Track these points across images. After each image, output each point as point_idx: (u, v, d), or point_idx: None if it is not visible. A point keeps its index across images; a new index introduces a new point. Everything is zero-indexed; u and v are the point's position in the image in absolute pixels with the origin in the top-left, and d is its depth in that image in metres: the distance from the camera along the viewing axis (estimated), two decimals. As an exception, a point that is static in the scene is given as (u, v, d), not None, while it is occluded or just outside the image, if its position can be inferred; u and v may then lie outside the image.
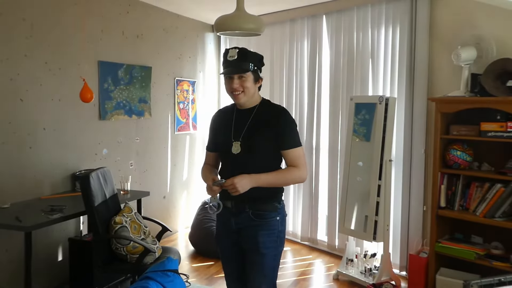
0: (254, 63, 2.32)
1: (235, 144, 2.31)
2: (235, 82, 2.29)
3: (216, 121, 2.50)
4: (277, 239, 2.36)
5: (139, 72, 4.66)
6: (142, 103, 4.73)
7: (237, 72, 2.28)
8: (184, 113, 5.37)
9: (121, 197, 3.82)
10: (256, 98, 2.39)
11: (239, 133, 2.33)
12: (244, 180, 2.19)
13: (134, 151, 4.70)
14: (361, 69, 4.38)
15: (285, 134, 2.29)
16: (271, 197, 2.36)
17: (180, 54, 5.30)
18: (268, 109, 2.37)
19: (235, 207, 2.35)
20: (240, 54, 2.28)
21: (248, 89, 2.31)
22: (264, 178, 2.25)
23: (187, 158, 5.47)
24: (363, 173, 3.89)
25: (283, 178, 2.31)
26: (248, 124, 2.33)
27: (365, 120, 3.88)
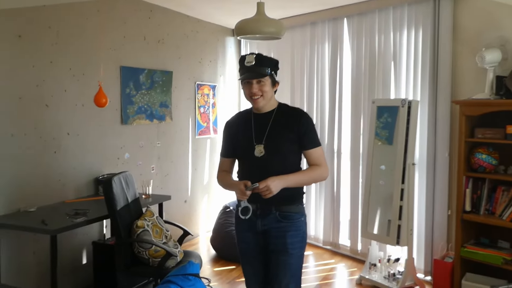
0: (271, 67, 2.37)
1: (258, 147, 2.34)
2: (254, 87, 2.33)
3: (232, 126, 2.52)
4: (302, 240, 2.42)
5: (160, 77, 4.70)
6: (163, 108, 4.77)
7: (256, 76, 2.32)
8: (204, 117, 5.40)
9: (143, 201, 3.84)
10: (273, 101, 2.44)
11: (261, 136, 2.36)
12: (276, 182, 2.24)
13: (156, 155, 4.74)
14: (383, 71, 4.36)
15: (307, 134, 2.35)
16: (296, 198, 2.41)
17: (201, 58, 5.33)
18: (287, 112, 2.42)
19: (261, 209, 2.38)
20: (258, 59, 2.33)
21: (267, 93, 2.36)
22: (292, 178, 2.30)
23: (208, 162, 5.50)
24: (385, 176, 3.87)
25: (309, 177, 2.37)
26: (270, 126, 2.37)
27: (387, 123, 3.86)
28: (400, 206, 3.72)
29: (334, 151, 4.85)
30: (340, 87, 4.79)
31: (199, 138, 5.34)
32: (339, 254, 4.85)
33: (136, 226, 3.29)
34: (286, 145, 2.34)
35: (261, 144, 2.34)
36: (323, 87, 4.95)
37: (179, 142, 5.05)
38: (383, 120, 3.90)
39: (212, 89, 5.52)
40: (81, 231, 3.90)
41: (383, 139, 3.90)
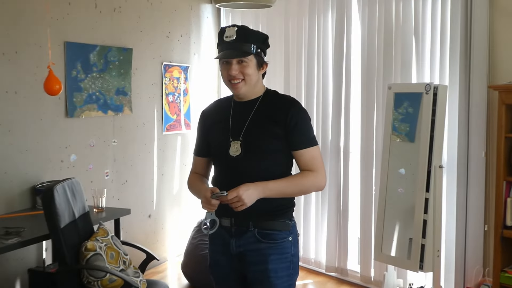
0: (257, 44, 2.35)
1: (234, 144, 2.35)
2: (233, 68, 2.32)
3: (207, 117, 2.54)
4: (290, 265, 2.40)
5: (116, 56, 4.67)
6: (121, 96, 4.75)
7: (236, 55, 2.31)
8: (174, 108, 5.38)
9: (94, 216, 3.82)
10: (259, 87, 2.44)
11: (238, 130, 2.37)
12: (251, 190, 2.23)
13: (111, 157, 4.72)
14: (401, 49, 4.37)
15: (297, 130, 2.33)
16: (282, 212, 2.40)
17: (169, 32, 5.31)
18: (274, 100, 2.42)
19: (236, 226, 2.38)
20: (240, 33, 2.31)
21: (250, 77, 2.35)
22: (273, 187, 2.29)
23: (179, 166, 5.48)
24: (405, 183, 3.88)
25: (297, 186, 2.36)
26: (250, 118, 2.38)
27: (408, 114, 3.87)
28: (424, 221, 3.72)
29: (340, 150, 4.86)
30: (347, 69, 4.79)
31: (167, 134, 5.32)
32: (347, 282, 4.85)
33: (85, 248, 3.26)
34: (270, 143, 2.34)
35: (238, 140, 2.35)
36: (326, 70, 4.95)
37: (141, 140, 5.03)
38: (402, 110, 3.91)
39: (183, 71, 5.50)
40: (14, 255, 3.85)
41: (403, 135, 3.91)
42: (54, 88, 3.50)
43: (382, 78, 4.50)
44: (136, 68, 4.92)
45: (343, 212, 4.87)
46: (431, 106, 3.72)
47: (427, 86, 3.74)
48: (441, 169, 3.75)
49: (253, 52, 2.33)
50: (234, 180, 2.27)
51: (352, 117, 4.80)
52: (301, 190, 2.43)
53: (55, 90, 3.50)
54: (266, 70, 2.46)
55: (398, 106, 3.94)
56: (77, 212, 3.41)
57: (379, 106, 4.53)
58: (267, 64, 2.43)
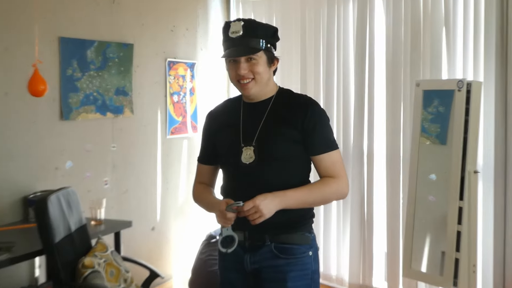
0: (266, 39, 2.36)
1: (246, 151, 2.36)
2: (242, 66, 2.33)
3: (214, 119, 2.56)
4: (311, 283, 2.41)
5: (116, 52, 4.69)
6: (121, 96, 4.76)
7: (244, 53, 2.32)
8: (179, 109, 5.39)
9: (92, 229, 3.83)
10: (271, 86, 2.45)
11: (250, 135, 2.38)
12: (268, 200, 2.24)
13: (110, 164, 4.73)
14: (430, 42, 4.37)
15: (316, 133, 2.35)
16: (300, 224, 2.41)
17: (173, 25, 5.32)
18: (289, 101, 2.43)
19: (251, 239, 2.38)
20: (247, 27, 2.32)
21: (261, 75, 2.36)
22: (293, 196, 2.31)
23: (185, 173, 5.48)
24: (437, 190, 3.87)
25: (319, 194, 2.37)
26: (264, 121, 2.38)
27: (439, 114, 3.86)
28: (458, 232, 3.71)
29: (364, 154, 4.87)
30: (370, 64, 4.80)
31: (171, 138, 5.32)
32: (372, 301, 4.86)
33: (82, 265, 3.27)
34: (286, 148, 2.35)
35: (251, 146, 2.36)
36: (347, 66, 4.96)
37: (143, 145, 5.04)
38: (432, 109, 3.91)
39: (189, 68, 5.50)
40: (4, 273, 3.82)
41: (433, 137, 3.90)
42: (38, 88, 3.50)
43: (410, 74, 4.50)
44: (137, 65, 4.92)
45: (368, 223, 4.87)
46: (464, 105, 3.71)
47: (460, 83, 3.73)
48: (476, 174, 3.74)
49: (262, 47, 2.34)
50: (247, 190, 2.27)
51: (376, 118, 4.80)
52: (323, 199, 2.44)
53: (39, 91, 3.50)
54: (277, 66, 2.47)
55: (427, 105, 3.93)
56: (73, 225, 3.41)
57: (406, 105, 4.54)
58: (278, 60, 2.44)
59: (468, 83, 3.71)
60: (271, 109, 2.41)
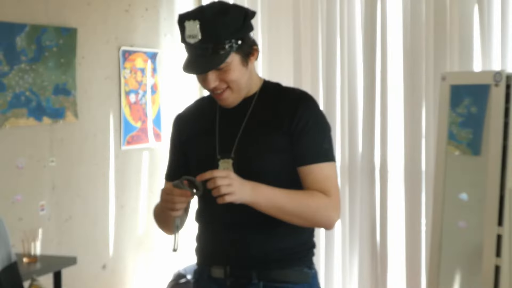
0: (234, 36, 2.31)
1: (223, 164, 2.36)
2: (210, 79, 2.31)
3: (184, 126, 2.56)
4: None
5: (54, 39, 4.66)
6: (61, 96, 4.73)
7: (205, 67, 2.30)
8: (138, 112, 5.39)
9: (25, 268, 3.81)
10: (254, 82, 2.45)
11: (228, 143, 2.38)
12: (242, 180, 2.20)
13: (48, 184, 4.70)
14: (459, 25, 4.40)
15: (305, 136, 2.34)
16: (298, 256, 2.41)
17: (128, 4, 5.32)
18: (276, 97, 2.43)
19: (233, 277, 2.38)
20: (206, 30, 2.26)
21: (237, 82, 2.34)
22: (267, 191, 2.26)
23: (146, 194, 5.49)
24: (468, 213, 3.88)
25: (299, 204, 2.30)
26: (244, 126, 2.39)
27: (470, 116, 3.88)
28: (497, 267, 3.71)
29: (375, 169, 4.90)
30: (383, 53, 4.83)
31: (128, 150, 5.33)
32: None
33: (11, 315, 3.22)
34: (272, 160, 2.35)
35: (229, 158, 2.36)
36: (353, 56, 5.00)
37: (91, 159, 5.03)
38: (462, 110, 3.92)
39: (150, 59, 5.52)
40: None
41: (463, 145, 3.92)
42: None
43: (433, 66, 4.53)
44: (82, 56, 4.90)
45: (381, 257, 4.89)
46: (503, 104, 3.71)
47: (497, 75, 3.73)
48: (519, 193, 3.77)
49: (230, 50, 2.30)
50: (225, 212, 2.26)
51: (391, 121, 4.82)
52: (302, 213, 2.31)
53: None
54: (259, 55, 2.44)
55: (456, 104, 3.94)
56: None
57: (430, 105, 4.56)
58: (257, 49, 2.40)
59: (507, 76, 3.70)
60: (253, 110, 2.41)
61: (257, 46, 2.41)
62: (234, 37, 2.30)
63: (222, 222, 2.31)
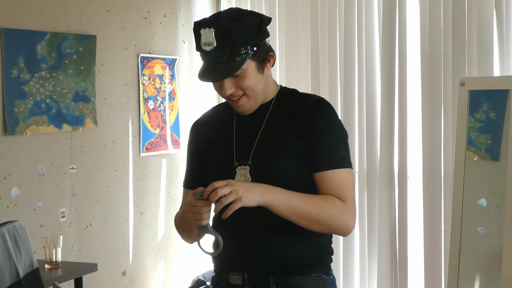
0: (250, 42, 2.32)
1: (241, 170, 2.38)
2: (226, 87, 2.34)
3: (201, 132, 2.57)
4: None
5: (74, 47, 4.67)
6: (81, 103, 4.74)
7: (222, 75, 2.32)
8: (156, 118, 5.39)
9: (47, 274, 3.80)
10: (271, 88, 2.47)
11: (246, 150, 2.39)
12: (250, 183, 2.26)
13: (68, 191, 4.71)
14: (478, 29, 4.38)
15: (322, 141, 2.35)
16: (316, 262, 2.40)
17: (147, 11, 5.32)
18: (293, 103, 2.45)
19: (251, 283, 2.38)
20: (221, 38, 2.28)
21: (252, 89, 2.37)
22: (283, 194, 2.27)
23: (164, 201, 5.47)
24: (488, 219, 3.87)
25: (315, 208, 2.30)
26: (261, 132, 2.40)
27: (490, 121, 3.88)
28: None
29: (394, 175, 4.89)
30: (401, 59, 4.82)
31: (147, 156, 5.33)
32: None
33: (34, 321, 3.26)
34: (290, 166, 2.36)
35: (246, 165, 2.38)
36: (372, 62, 5.00)
37: (111, 166, 5.04)
38: (481, 116, 3.92)
39: (169, 66, 5.52)
40: None
41: (482, 151, 3.91)
42: None
43: (452, 71, 4.51)
44: (101, 63, 4.93)
45: (400, 263, 4.86)
46: (523, 110, 3.73)
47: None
48: (539, 199, 3.75)
49: (246, 58, 2.32)
50: (243, 220, 2.28)
51: (410, 128, 4.80)
52: (318, 217, 2.31)
53: None
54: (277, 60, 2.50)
55: (475, 110, 3.94)
56: (21, 270, 3.35)
57: (448, 111, 4.55)
58: (273, 56, 2.43)
59: (526, 81, 3.71)
60: (270, 116, 2.42)
61: (274, 52, 2.43)
62: (250, 44, 2.31)
63: (239, 228, 2.33)
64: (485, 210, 3.89)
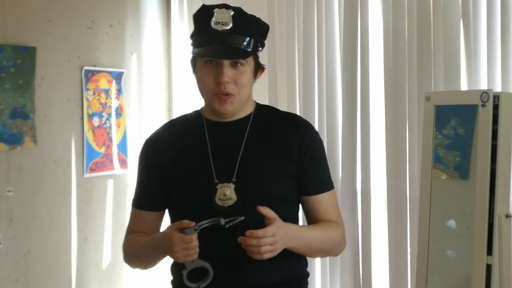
0: (257, 38, 2.44)
1: (223, 189, 2.40)
2: (226, 73, 2.37)
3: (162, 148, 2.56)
4: None
5: (11, 59, 4.66)
6: (19, 120, 4.72)
7: (234, 54, 2.37)
8: (102, 136, 5.38)
9: None
10: (250, 102, 2.55)
11: (227, 167, 2.42)
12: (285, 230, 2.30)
13: (5, 215, 4.67)
14: (444, 41, 4.41)
15: (314, 166, 2.48)
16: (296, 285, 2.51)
17: (92, 20, 5.33)
18: (275, 120, 2.53)
19: None
20: (238, 20, 2.37)
21: (244, 89, 2.43)
22: (303, 234, 2.41)
23: (110, 225, 5.47)
24: (457, 241, 3.87)
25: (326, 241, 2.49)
26: (244, 149, 2.44)
27: (458, 138, 3.88)
28: (487, 300, 3.73)
29: (357, 194, 4.89)
30: (363, 70, 4.82)
31: (91, 177, 5.31)
32: None
33: None
34: (281, 185, 2.43)
35: (230, 182, 2.38)
36: (332, 74, 4.99)
37: (52, 188, 5.01)
38: (448, 132, 3.92)
39: (115, 80, 5.52)
40: None
41: (451, 169, 3.91)
42: None
43: (417, 84, 4.52)
44: (42, 77, 4.90)
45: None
46: (491, 125, 3.71)
47: (484, 95, 3.73)
48: (509, 219, 3.73)
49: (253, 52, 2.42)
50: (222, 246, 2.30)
51: (374, 145, 4.82)
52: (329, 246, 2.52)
53: None
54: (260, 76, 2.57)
55: (442, 126, 3.94)
56: None
57: (413, 127, 4.55)
58: (263, 69, 2.54)
59: (495, 96, 3.70)
60: (251, 131, 2.47)
61: (264, 69, 2.56)
62: (259, 42, 2.45)
63: (220, 256, 2.32)
64: (454, 232, 3.89)
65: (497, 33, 4.20)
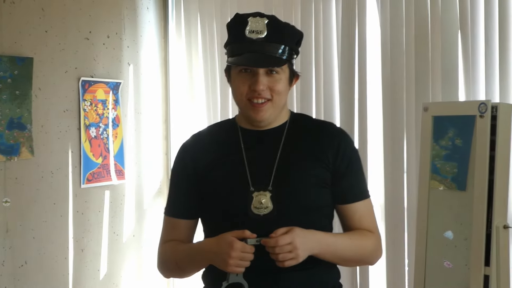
0: (293, 47, 2.47)
1: (259, 197, 2.39)
2: (261, 81, 2.37)
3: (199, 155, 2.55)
4: None
5: (8, 70, 4.65)
6: (16, 130, 4.71)
7: (269, 63, 2.37)
8: (99, 147, 5.37)
9: None
10: (285, 110, 2.55)
11: (263, 174, 2.41)
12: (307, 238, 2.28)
13: (1, 226, 4.66)
14: (442, 52, 4.41)
15: (351, 174, 2.48)
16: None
17: (89, 31, 5.32)
18: (311, 129, 2.53)
19: None
20: (273, 28, 2.38)
21: (280, 96, 2.43)
22: (332, 242, 2.39)
23: (107, 236, 5.45)
24: (454, 252, 3.86)
25: (358, 250, 2.48)
26: (280, 156, 2.43)
27: (456, 149, 3.88)
28: (485, 311, 3.70)
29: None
30: (361, 84, 4.83)
31: (88, 188, 5.30)
32: None
33: None
34: (318, 194, 2.42)
35: (266, 190, 2.38)
36: (330, 85, 5.00)
37: (49, 198, 5.00)
38: (446, 143, 3.92)
39: (112, 90, 5.51)
40: None
41: (448, 180, 3.91)
42: None
43: (415, 95, 4.52)
44: (39, 87, 4.90)
45: (362, 301, 4.86)
46: (489, 136, 3.71)
47: (482, 106, 3.74)
48: (507, 230, 3.73)
49: (289, 60, 2.43)
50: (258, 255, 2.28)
51: (371, 156, 4.82)
52: (360, 254, 2.51)
53: None
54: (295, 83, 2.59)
55: (439, 137, 3.95)
56: None
57: (411, 138, 4.55)
58: (298, 77, 2.54)
59: (493, 106, 3.70)
60: (287, 139, 2.47)
61: (299, 77, 2.56)
62: (293, 49, 2.47)
63: (254, 265, 2.31)
64: (452, 243, 3.88)
65: (495, 44, 4.20)
